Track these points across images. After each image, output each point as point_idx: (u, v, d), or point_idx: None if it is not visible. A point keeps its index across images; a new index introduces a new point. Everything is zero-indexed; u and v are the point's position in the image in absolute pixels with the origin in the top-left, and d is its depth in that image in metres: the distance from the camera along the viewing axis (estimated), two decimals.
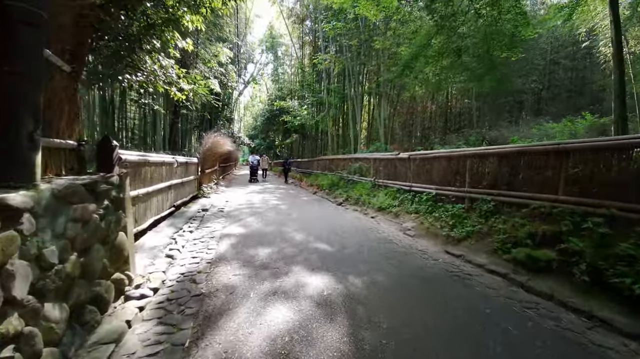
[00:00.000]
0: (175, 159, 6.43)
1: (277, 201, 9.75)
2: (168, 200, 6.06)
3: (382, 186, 8.74)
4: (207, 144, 10.08)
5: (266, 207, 8.39)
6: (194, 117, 18.84)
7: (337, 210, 8.54)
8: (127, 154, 3.85)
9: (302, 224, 6.20)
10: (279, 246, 4.59)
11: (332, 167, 13.70)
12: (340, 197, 10.24)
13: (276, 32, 32.13)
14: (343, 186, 11.33)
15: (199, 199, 9.16)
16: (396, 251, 4.65)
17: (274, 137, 33.35)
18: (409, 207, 6.86)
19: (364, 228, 6.18)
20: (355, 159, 10.81)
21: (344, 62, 11.70)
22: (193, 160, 8.83)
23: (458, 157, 5.70)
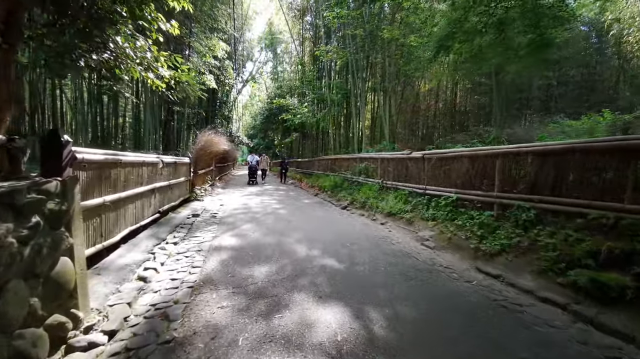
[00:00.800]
0: (160, 159, 5.66)
1: (277, 204, 8.98)
2: (151, 206, 5.29)
3: (391, 189, 7.97)
4: (200, 143, 9.31)
5: (264, 211, 7.62)
6: (189, 115, 18.05)
7: (341, 215, 7.77)
8: (87, 153, 3.08)
9: (304, 233, 5.44)
10: (279, 263, 3.83)
11: (334, 168, 12.93)
12: (344, 200, 9.48)
13: (275, 29, 31.33)
14: (347, 187, 10.56)
15: (191, 203, 8.38)
16: (417, 268, 3.89)
17: (273, 137, 32.57)
18: (424, 213, 6.10)
19: (375, 237, 5.41)
20: (360, 159, 10.05)
21: (347, 56, 10.94)
22: (184, 160, 8.06)
23: (485, 157, 4.93)
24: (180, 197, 7.70)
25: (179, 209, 7.30)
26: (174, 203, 6.93)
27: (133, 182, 4.37)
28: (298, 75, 28.41)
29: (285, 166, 17.97)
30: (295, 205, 9.03)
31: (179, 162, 7.38)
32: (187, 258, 4.03)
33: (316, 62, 18.45)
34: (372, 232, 5.86)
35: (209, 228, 5.72)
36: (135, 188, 4.42)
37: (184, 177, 8.05)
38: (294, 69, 30.24)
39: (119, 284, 3.13)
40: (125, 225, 4.15)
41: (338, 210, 8.55)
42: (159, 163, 5.56)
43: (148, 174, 5.09)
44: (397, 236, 5.58)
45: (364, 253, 4.39)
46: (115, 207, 3.79)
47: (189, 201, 8.57)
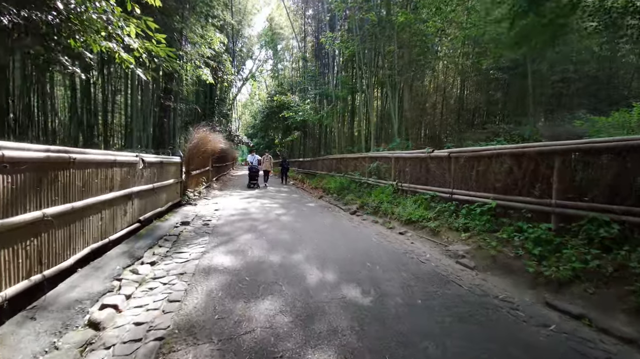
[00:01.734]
0: (140, 158, 4.73)
1: (279, 209, 8.06)
2: (126, 215, 4.36)
3: (407, 192, 7.05)
4: (193, 140, 8.39)
5: (265, 218, 6.69)
6: (185, 111, 17.11)
7: (352, 222, 6.85)
8: (11, 148, 2.15)
9: (314, 247, 4.51)
10: (286, 297, 2.89)
11: (340, 168, 12.00)
12: (353, 204, 8.55)
13: (276, 24, 30.37)
14: (355, 189, 9.64)
15: (182, 208, 7.46)
16: (465, 300, 2.96)
17: (274, 136, 31.65)
18: (452, 222, 5.18)
19: (398, 252, 4.49)
20: (370, 159, 9.12)
21: (354, 45, 10.02)
22: (173, 159, 7.13)
23: (538, 155, 4.00)
24: (169, 201, 6.77)
25: (167, 216, 6.37)
26: (160, 209, 6.01)
27: (98, 187, 3.44)
28: (299, 73, 27.50)
29: (286, 166, 17.05)
30: (300, 210, 8.10)
31: (166, 161, 6.45)
32: (165, 286, 3.10)
33: (319, 57, 17.51)
34: (392, 245, 4.93)
35: (198, 240, 4.79)
36: (100, 195, 3.50)
37: (174, 179, 7.12)
38: (295, 66, 29.33)
39: (59, 336, 2.20)
40: (85, 243, 3.22)
41: (347, 216, 7.62)
42: (137, 163, 4.63)
43: (122, 176, 4.16)
44: (424, 250, 4.66)
45: (391, 277, 3.46)
46: (67, 222, 2.86)
47: (179, 205, 7.64)
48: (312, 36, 21.85)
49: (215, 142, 10.18)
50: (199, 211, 7.38)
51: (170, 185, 6.79)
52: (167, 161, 6.48)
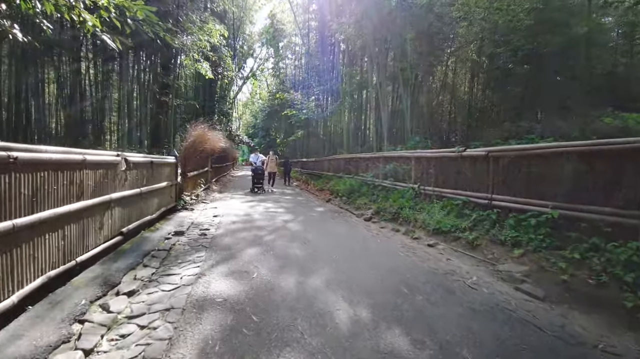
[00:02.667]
0: (122, 158, 3.92)
1: (285, 214, 7.24)
2: (103, 227, 3.55)
3: (432, 196, 6.23)
4: (190, 138, 7.57)
5: (271, 226, 5.88)
6: (182, 107, 16.29)
7: (369, 230, 6.03)
8: None
9: (334, 268, 3.69)
10: (309, 349, 2.07)
11: (349, 169, 11.18)
12: (367, 209, 7.73)
13: (278, 20, 29.51)
14: (367, 192, 8.81)
15: (177, 214, 6.64)
16: (560, 353, 2.14)
17: (275, 135, 30.84)
18: (496, 234, 4.35)
19: (437, 274, 3.67)
20: (385, 159, 8.29)
21: (365, 37, 9.19)
22: (167, 160, 6.32)
23: (621, 154, 3.17)
24: (162, 207, 5.96)
25: (158, 224, 5.56)
26: (149, 217, 5.19)
27: (59, 195, 2.63)
28: (302, 71, 26.67)
29: (290, 166, 16.24)
30: (308, 216, 7.28)
31: (158, 162, 5.63)
32: (143, 331, 2.28)
33: (324, 52, 16.70)
34: (425, 262, 4.10)
35: (193, 256, 3.98)
36: (63, 206, 2.68)
37: (168, 181, 6.31)
38: (298, 63, 28.50)
39: None
40: (38, 271, 2.40)
41: (362, 223, 6.81)
42: (119, 164, 3.82)
43: (98, 180, 3.34)
44: (466, 270, 3.83)
45: (442, 313, 2.64)
46: (6, 246, 2.05)
47: (174, 211, 6.83)
48: (316, 32, 21.03)
49: (214, 140, 9.37)
50: (196, 217, 6.56)
51: (163, 188, 5.97)
52: (159, 161, 5.66)
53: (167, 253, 4.10)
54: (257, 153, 12.68)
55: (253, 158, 12.21)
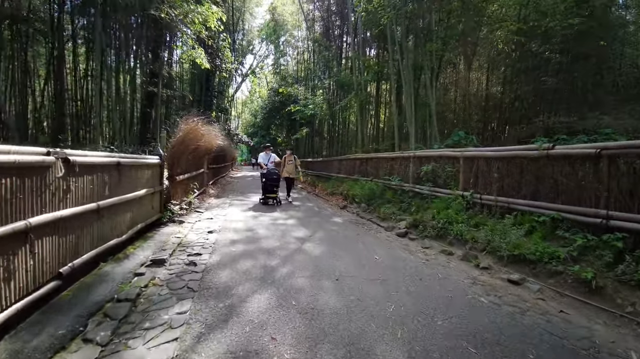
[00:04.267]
0: (59, 158, 2.44)
1: (298, 228, 5.78)
2: (16, 275, 2.07)
3: (494, 208, 4.77)
4: (179, 134, 6.09)
5: (285, 249, 4.40)
6: (178, 105, 14.79)
7: (411, 252, 4.59)
8: None
9: (400, 342, 2.23)
10: None
11: (366, 171, 9.72)
12: (396, 221, 6.28)
13: (279, 14, 28.00)
14: (394, 199, 7.36)
15: (160, 230, 5.15)
16: None
17: (276, 134, 29.35)
18: (626, 271, 2.91)
19: (562, 346, 2.22)
20: (419, 159, 6.82)
21: (389, 16, 7.70)
22: (146, 160, 4.83)
23: None
24: (138, 223, 4.48)
25: (132, 248, 4.07)
26: (116, 240, 3.71)
27: None
28: (304, 66, 25.20)
29: None
30: (327, 230, 5.81)
31: (130, 163, 4.15)
32: None
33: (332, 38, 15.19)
34: (528, 317, 2.66)
35: (171, 314, 2.52)
36: None
37: (148, 188, 4.83)
38: (300, 58, 27.00)
39: None
40: None
41: (396, 240, 5.36)
42: (51, 167, 2.34)
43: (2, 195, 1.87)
44: (604, 336, 2.39)
45: None
46: None
47: (157, 225, 5.34)
48: (324, 21, 19.55)
49: (210, 137, 7.89)
50: (185, 234, 5.08)
51: (140, 198, 4.49)
52: (131, 162, 4.18)
53: (130, 306, 2.62)
54: (269, 151, 9.44)
55: (263, 158, 9.23)
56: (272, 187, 8.43)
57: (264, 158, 9.25)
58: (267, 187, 8.44)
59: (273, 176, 8.45)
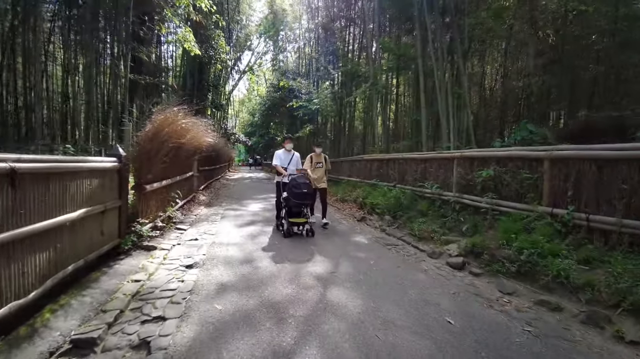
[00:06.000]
0: None
1: (314, 255, 4.17)
2: None
3: (612, 235, 3.20)
4: (150, 128, 4.46)
5: (303, 306, 2.77)
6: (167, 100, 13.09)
7: (488, 303, 3.04)
8: None
9: None
10: None
11: (387, 174, 8.13)
12: (441, 243, 4.71)
13: (279, 2, 26.31)
14: (432, 213, 5.79)
15: (114, 267, 3.52)
16: None
17: (276, 133, 27.70)
18: None
19: None
20: (469, 161, 5.21)
21: None
22: (91, 164, 3.20)
23: None
24: (69, 264, 2.86)
25: (49, 312, 2.45)
26: (14, 305, 2.08)
27: None
28: (305, 61, 23.59)
29: None
30: (353, 258, 4.21)
31: (59, 170, 2.54)
32: None
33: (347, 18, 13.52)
34: None
35: None
36: None
37: (94, 204, 3.21)
38: (302, 53, 25.37)
39: None
40: None
41: (454, 275, 3.78)
42: None
43: None
44: None
45: None
46: None
47: (114, 256, 3.72)
48: (325, 11, 17.96)
49: (198, 133, 6.28)
50: (151, 272, 3.47)
51: (75, 225, 2.88)
52: (53, 168, 2.55)
53: None
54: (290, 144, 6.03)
55: (280, 158, 5.82)
56: (301, 206, 5.24)
57: (281, 158, 5.80)
58: (293, 207, 5.22)
59: (302, 188, 5.13)
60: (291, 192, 5.11)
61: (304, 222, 5.24)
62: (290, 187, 5.16)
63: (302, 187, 5.17)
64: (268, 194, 11.47)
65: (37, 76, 6.54)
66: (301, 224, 5.25)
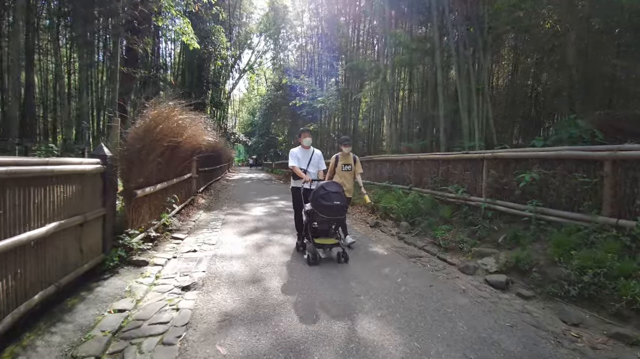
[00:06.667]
0: None
1: (332, 270, 3.57)
2: None
3: None
4: (141, 123, 3.87)
5: (328, 344, 2.19)
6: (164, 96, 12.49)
7: (555, 339, 2.45)
8: None
9: None
10: None
11: (402, 176, 7.54)
12: (473, 257, 4.13)
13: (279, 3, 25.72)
14: (457, 220, 5.21)
15: (95, 291, 2.92)
16: None
17: (277, 132, 27.12)
18: None
19: None
20: (502, 162, 4.60)
21: None
22: (65, 167, 2.60)
23: None
24: (36, 292, 2.27)
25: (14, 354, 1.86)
26: None
27: None
28: (306, 59, 23.01)
29: None
30: (377, 275, 3.62)
31: (21, 174, 1.94)
32: None
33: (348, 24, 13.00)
34: None
35: None
36: None
37: (69, 216, 2.63)
38: (304, 51, 24.77)
39: None
40: None
41: (498, 297, 3.23)
42: None
43: None
44: None
45: None
46: None
47: (97, 276, 3.13)
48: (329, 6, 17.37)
49: (197, 130, 5.70)
50: (140, 297, 2.88)
51: (43, 240, 2.29)
52: (13, 172, 1.95)
53: None
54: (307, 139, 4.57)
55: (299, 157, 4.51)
56: (331, 222, 4.01)
57: (298, 157, 4.47)
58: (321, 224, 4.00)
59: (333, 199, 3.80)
60: (318, 204, 3.77)
61: (334, 244, 4.00)
62: (316, 197, 3.81)
63: (333, 198, 3.78)
64: (270, 197, 10.88)
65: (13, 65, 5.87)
66: (331, 246, 4.02)
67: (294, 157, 4.50)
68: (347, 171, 4.90)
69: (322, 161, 4.70)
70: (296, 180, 4.48)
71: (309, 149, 4.61)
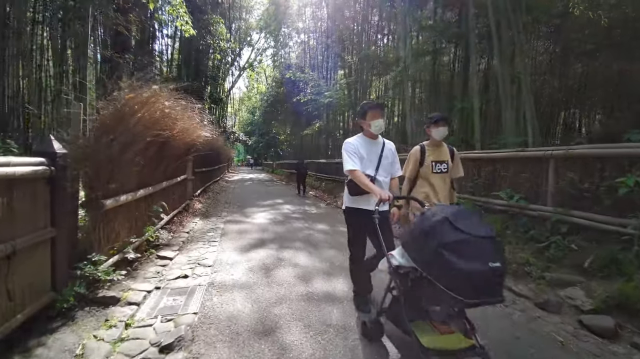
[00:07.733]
0: None
1: None
2: None
3: None
4: (114, 108, 2.87)
5: None
6: None
7: None
8: None
9: None
10: None
11: None
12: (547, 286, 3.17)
13: None
14: (512, 233, 4.22)
15: (34, 355, 1.92)
16: None
17: (278, 131, 26.12)
18: None
19: None
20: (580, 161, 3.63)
21: None
22: None
23: None
24: None
25: None
26: None
27: None
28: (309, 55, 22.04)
29: (304, 171, 11.62)
30: None
31: None
32: None
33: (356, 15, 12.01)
34: None
35: None
36: None
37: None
38: (306, 47, 23.76)
39: None
40: None
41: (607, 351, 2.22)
42: None
43: None
44: None
45: None
46: None
47: (45, 324, 2.12)
48: None
49: (190, 124, 4.72)
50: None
51: None
52: None
53: None
54: (378, 121, 2.40)
55: (360, 153, 2.40)
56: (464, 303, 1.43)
57: (360, 153, 2.42)
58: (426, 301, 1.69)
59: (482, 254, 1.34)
60: (443, 267, 1.37)
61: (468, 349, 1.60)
62: (434, 247, 1.40)
63: (484, 252, 1.37)
64: (274, 200, 9.89)
65: None
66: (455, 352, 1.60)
67: (353, 154, 2.40)
68: (441, 173, 2.77)
69: (396, 160, 2.62)
70: (355, 196, 2.44)
71: (377, 140, 2.54)
